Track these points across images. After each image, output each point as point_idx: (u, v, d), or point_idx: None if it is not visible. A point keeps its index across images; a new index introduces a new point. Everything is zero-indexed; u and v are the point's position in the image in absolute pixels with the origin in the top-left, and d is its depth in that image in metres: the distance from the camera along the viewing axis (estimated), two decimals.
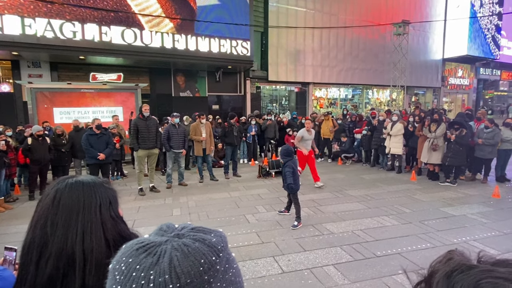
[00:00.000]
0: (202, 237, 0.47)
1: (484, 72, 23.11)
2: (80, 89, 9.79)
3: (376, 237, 4.38)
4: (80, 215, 0.81)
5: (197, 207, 5.83)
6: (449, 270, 0.41)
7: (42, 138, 6.49)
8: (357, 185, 7.32)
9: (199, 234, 0.48)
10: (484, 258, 0.42)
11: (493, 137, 6.99)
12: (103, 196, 0.86)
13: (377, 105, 18.82)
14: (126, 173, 8.67)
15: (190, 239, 0.47)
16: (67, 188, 0.84)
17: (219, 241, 0.49)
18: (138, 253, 0.45)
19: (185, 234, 0.48)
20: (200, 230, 0.50)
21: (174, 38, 11.10)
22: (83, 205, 0.82)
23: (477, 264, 0.42)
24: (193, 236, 0.47)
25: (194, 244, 0.46)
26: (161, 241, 0.46)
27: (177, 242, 0.46)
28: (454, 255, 0.43)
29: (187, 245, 0.45)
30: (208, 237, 0.48)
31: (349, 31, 16.29)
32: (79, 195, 0.83)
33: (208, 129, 7.84)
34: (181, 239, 0.47)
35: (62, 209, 0.81)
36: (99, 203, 0.84)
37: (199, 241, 0.46)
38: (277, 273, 3.48)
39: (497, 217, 5.14)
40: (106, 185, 0.90)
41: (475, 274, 0.39)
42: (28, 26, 9.05)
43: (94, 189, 0.86)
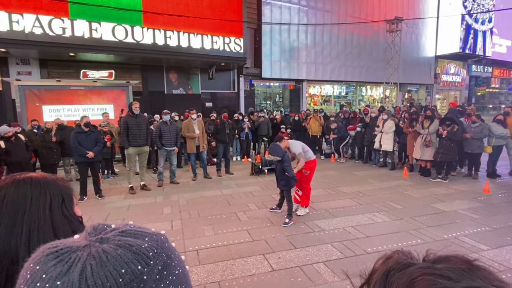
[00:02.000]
0: (129, 243, 0.41)
1: (476, 69, 23.32)
2: (70, 87, 9.65)
3: (367, 234, 4.37)
4: (27, 213, 0.75)
5: (188, 205, 5.77)
6: (386, 269, 0.39)
7: (15, 137, 6.16)
8: (349, 181, 7.31)
9: (126, 239, 0.42)
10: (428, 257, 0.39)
11: (481, 131, 7.06)
12: (54, 193, 0.80)
13: (370, 102, 18.89)
14: (117, 172, 8.57)
15: (113, 245, 0.40)
16: (13, 184, 0.78)
17: (152, 246, 0.42)
18: (47, 260, 0.39)
19: (110, 239, 0.42)
20: (132, 233, 0.43)
21: (166, 35, 10.98)
22: (30, 202, 0.76)
23: (414, 262, 0.39)
24: (118, 241, 0.41)
25: (116, 251, 0.39)
26: (79, 246, 0.40)
27: (97, 248, 0.40)
28: (395, 254, 0.41)
29: (106, 252, 0.39)
30: (138, 242, 0.42)
31: (343, 28, 16.28)
32: (26, 191, 0.77)
33: (201, 126, 7.77)
34: (103, 244, 0.40)
35: (6, 207, 0.75)
36: (49, 201, 0.78)
37: (124, 247, 0.40)
38: (267, 271, 3.44)
39: (487, 212, 5.17)
40: (60, 182, 0.84)
41: (411, 272, 0.37)
42: (16, 22, 8.86)
43: (44, 185, 0.80)
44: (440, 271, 0.35)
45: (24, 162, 6.28)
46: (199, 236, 4.40)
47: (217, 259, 3.72)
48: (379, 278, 0.39)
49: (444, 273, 0.35)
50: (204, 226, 4.76)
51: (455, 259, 0.38)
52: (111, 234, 0.43)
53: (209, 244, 4.13)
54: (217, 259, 3.71)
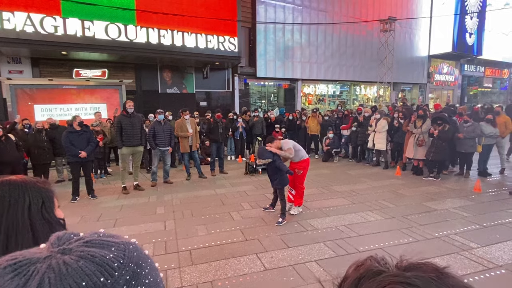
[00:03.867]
0: (92, 253, 0.39)
1: (469, 69, 23.54)
2: (62, 86, 9.55)
3: (360, 233, 4.40)
4: (4, 216, 0.75)
5: (181, 205, 5.76)
6: (357, 276, 0.40)
7: (5, 137, 6.05)
8: (342, 180, 7.36)
9: (90, 250, 0.40)
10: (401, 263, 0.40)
11: (473, 130, 7.15)
12: (33, 196, 0.79)
13: (364, 101, 18.98)
14: (110, 171, 8.52)
15: (75, 256, 0.39)
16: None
17: (118, 256, 0.41)
18: (4, 273, 0.37)
19: (73, 249, 0.40)
20: (97, 243, 0.42)
21: (159, 34, 10.91)
22: (8, 205, 0.76)
23: (385, 270, 0.39)
24: (81, 253, 0.40)
25: (78, 262, 0.38)
26: (39, 258, 0.39)
27: (58, 260, 0.38)
28: (367, 261, 0.41)
29: (67, 264, 0.38)
30: (102, 252, 0.40)
31: (337, 27, 16.33)
32: (4, 194, 0.77)
33: (194, 126, 7.75)
34: (65, 255, 0.39)
35: None
36: (27, 203, 0.78)
37: (86, 258, 0.39)
38: (260, 270, 3.46)
39: (478, 210, 5.24)
40: (40, 184, 0.83)
41: (381, 280, 0.37)
42: (6, 20, 8.74)
43: (23, 188, 0.79)
44: (408, 280, 0.36)
45: (15, 162, 6.20)
46: (192, 236, 4.40)
47: (210, 259, 3.72)
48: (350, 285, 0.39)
49: (412, 281, 0.35)
50: (198, 226, 4.75)
51: (425, 267, 0.38)
52: (75, 245, 0.42)
53: (202, 244, 4.13)
54: (210, 259, 3.71)
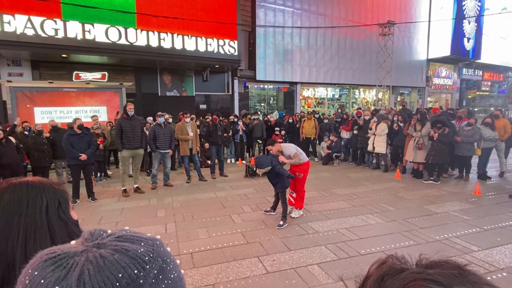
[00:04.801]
0: (126, 247, 0.42)
1: (467, 73, 23.68)
2: (62, 88, 9.55)
3: (361, 236, 4.41)
4: (23, 217, 0.76)
5: (182, 208, 5.75)
6: (381, 274, 0.40)
7: (6, 140, 6.05)
8: (343, 183, 7.36)
9: (123, 244, 0.43)
10: (421, 261, 0.41)
11: (472, 135, 7.17)
12: (50, 197, 0.80)
13: (363, 104, 19.05)
14: (110, 174, 8.51)
15: (110, 250, 0.41)
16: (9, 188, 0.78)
17: (148, 251, 0.43)
18: (45, 265, 0.39)
19: (107, 244, 0.43)
20: (128, 238, 0.44)
21: (160, 37, 10.96)
22: (27, 206, 0.77)
23: (408, 267, 0.41)
24: (115, 247, 0.42)
25: (113, 256, 0.40)
26: (76, 251, 0.41)
27: (94, 253, 0.41)
28: (389, 259, 0.42)
29: (103, 257, 0.40)
30: (134, 247, 0.43)
31: (336, 31, 16.42)
32: (22, 195, 0.78)
33: (194, 129, 7.76)
34: (100, 249, 0.42)
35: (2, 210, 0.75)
36: (45, 204, 0.79)
37: (120, 252, 0.41)
38: (261, 273, 3.45)
39: (478, 213, 5.25)
40: (55, 186, 0.84)
41: (404, 277, 0.38)
42: (7, 23, 8.76)
43: (40, 189, 0.80)
44: (431, 276, 0.37)
45: (15, 165, 6.18)
46: (193, 239, 4.39)
47: (211, 262, 3.72)
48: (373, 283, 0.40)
49: (435, 278, 0.36)
50: (198, 228, 4.75)
51: (447, 265, 0.39)
52: (108, 240, 0.44)
53: (204, 247, 4.12)
54: (212, 262, 3.70)
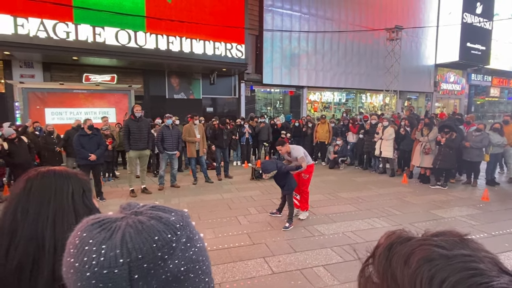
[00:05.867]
0: (159, 215, 0.47)
1: (476, 78, 23.48)
2: (73, 90, 9.73)
3: (367, 239, 4.40)
4: (52, 202, 0.81)
5: (188, 209, 5.79)
6: (390, 242, 0.45)
7: (19, 139, 6.21)
8: (349, 187, 7.35)
9: (157, 212, 0.48)
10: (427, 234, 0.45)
11: (481, 141, 7.11)
12: (75, 185, 0.86)
13: (370, 109, 18.99)
14: (117, 175, 8.61)
15: (147, 217, 0.47)
16: (38, 176, 0.84)
17: (178, 220, 0.48)
18: (92, 228, 0.45)
19: (143, 212, 0.48)
20: (160, 208, 0.50)
21: (168, 40, 11.10)
22: (55, 192, 0.83)
23: (415, 236, 0.45)
24: (150, 214, 0.47)
25: (150, 221, 0.46)
26: (117, 217, 0.47)
27: (133, 219, 0.46)
28: (397, 231, 0.46)
29: (141, 222, 0.45)
30: (166, 215, 0.48)
31: (343, 35, 16.45)
32: (50, 182, 0.84)
33: (201, 131, 7.83)
34: (137, 216, 0.47)
35: (33, 196, 0.81)
36: (71, 190, 0.85)
37: (155, 218, 0.47)
38: (267, 273, 3.47)
39: (486, 219, 5.21)
40: (79, 175, 0.91)
41: (412, 244, 0.42)
42: (20, 25, 8.97)
43: (66, 177, 0.86)
44: (436, 242, 0.41)
45: (26, 164, 6.31)
46: None
47: (217, 261, 3.75)
48: (383, 250, 0.44)
49: (439, 243, 0.41)
50: (205, 229, 4.78)
51: (449, 233, 0.44)
52: (144, 209, 0.50)
53: (210, 247, 4.16)
54: (218, 262, 3.74)
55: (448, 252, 0.39)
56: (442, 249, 0.40)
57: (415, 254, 0.40)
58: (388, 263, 0.43)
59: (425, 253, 0.40)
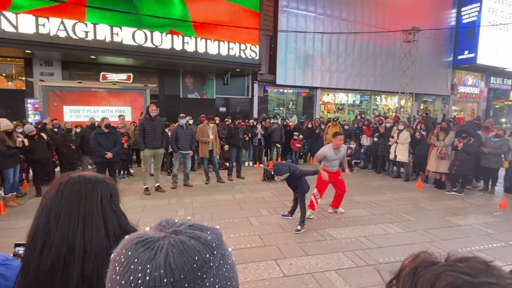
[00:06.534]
0: (198, 235, 0.49)
1: (495, 81, 22.85)
2: (90, 88, 9.96)
3: (380, 244, 4.36)
4: (82, 206, 0.85)
5: (201, 208, 5.87)
6: (415, 266, 0.45)
7: (38, 136, 6.39)
8: (362, 191, 7.28)
9: (196, 232, 0.50)
10: (450, 257, 0.46)
11: (500, 147, 6.92)
12: (104, 190, 0.90)
13: (385, 111, 18.71)
14: (132, 172, 8.77)
15: (187, 236, 0.49)
16: (69, 181, 0.88)
17: (215, 239, 0.50)
18: (137, 247, 0.47)
19: (182, 231, 0.50)
20: (197, 227, 0.52)
21: (184, 40, 11.23)
22: (85, 197, 0.87)
23: (439, 261, 0.45)
24: (190, 234, 0.49)
25: (190, 241, 0.48)
26: (160, 236, 0.49)
27: (174, 238, 0.48)
28: (421, 254, 0.47)
29: (183, 242, 0.47)
30: (204, 235, 0.50)
31: (359, 36, 16.27)
32: (80, 188, 0.88)
33: (215, 131, 7.90)
34: (178, 236, 0.49)
35: (64, 201, 0.85)
36: (100, 196, 0.88)
37: (195, 238, 0.48)
38: (278, 276, 3.48)
39: (504, 228, 5.07)
40: (107, 180, 0.95)
41: (436, 268, 0.43)
42: (42, 25, 9.25)
43: (95, 183, 0.90)
44: (461, 269, 0.42)
45: (45, 160, 6.51)
46: None
47: None
48: (408, 273, 0.45)
49: (464, 270, 0.41)
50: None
51: (474, 260, 0.44)
52: (182, 228, 0.51)
53: None
54: None
55: (473, 279, 0.40)
56: (467, 276, 0.40)
57: (440, 279, 0.41)
58: (413, 286, 0.44)
59: (451, 279, 0.40)
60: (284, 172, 4.81)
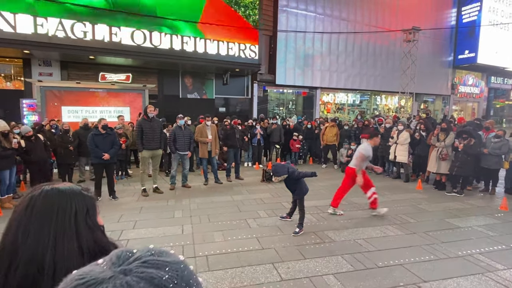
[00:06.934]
0: (151, 275, 0.42)
1: (496, 81, 22.77)
2: (89, 89, 9.90)
3: (379, 247, 4.31)
4: (53, 223, 0.79)
5: (199, 210, 5.82)
6: None
7: (35, 137, 6.34)
8: (361, 192, 7.17)
9: (148, 271, 0.43)
10: None
11: (500, 148, 6.87)
12: (79, 204, 0.84)
13: (385, 111, 18.66)
14: (130, 173, 8.72)
15: (136, 277, 0.42)
16: (41, 195, 0.82)
17: (172, 277, 0.43)
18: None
19: (133, 270, 0.43)
20: (153, 264, 0.45)
21: (183, 40, 11.18)
22: (57, 213, 0.80)
23: None
24: (141, 274, 0.42)
25: (139, 284, 0.41)
26: (104, 277, 0.42)
27: (121, 281, 0.41)
28: None
29: (130, 286, 0.40)
30: (159, 274, 0.43)
31: (358, 36, 16.21)
32: (53, 202, 0.81)
33: (214, 131, 7.84)
34: (126, 276, 0.42)
35: (35, 216, 0.79)
36: (74, 211, 0.82)
37: (146, 279, 0.41)
38: (276, 280, 3.43)
39: (505, 230, 5.02)
40: (84, 192, 0.88)
41: None
42: (40, 25, 9.19)
43: (70, 196, 0.84)
44: None
45: (42, 162, 6.46)
46: (209, 241, 4.43)
47: (226, 265, 3.73)
48: None
49: None
50: (214, 231, 4.78)
51: None
52: (134, 265, 0.44)
53: (219, 250, 4.15)
54: (226, 266, 3.72)
55: None
56: None
57: None
58: None
59: None
60: (282, 173, 4.76)
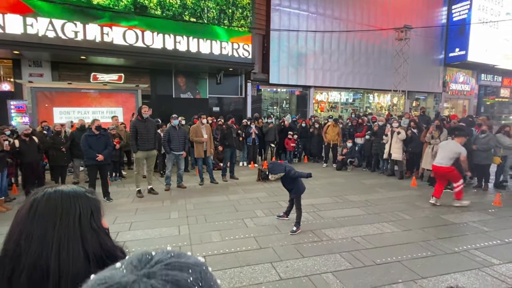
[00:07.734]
0: (176, 278, 0.41)
1: (486, 78, 23.10)
2: (81, 89, 9.77)
3: (376, 244, 4.32)
4: (57, 226, 0.76)
5: (195, 210, 5.78)
6: None
7: (30, 138, 6.27)
8: (357, 190, 7.25)
9: (173, 273, 0.42)
10: None
11: (488, 142, 6.98)
12: (83, 206, 0.81)
13: (377, 109, 18.79)
14: (124, 174, 8.63)
15: (161, 280, 0.40)
16: (44, 197, 0.79)
17: (197, 279, 0.43)
18: None
19: (157, 273, 0.42)
20: (176, 265, 0.44)
21: (175, 40, 11.09)
22: (61, 216, 0.77)
23: None
24: (165, 276, 0.41)
25: (165, 287, 0.40)
26: (127, 282, 0.40)
27: (145, 284, 0.39)
28: None
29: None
30: (184, 276, 0.42)
31: (351, 35, 16.29)
32: (57, 205, 0.78)
33: (208, 131, 7.80)
34: (151, 279, 0.41)
35: (38, 220, 0.76)
36: (78, 214, 0.79)
37: (172, 282, 0.40)
38: (275, 279, 3.42)
39: (499, 225, 5.08)
40: (88, 194, 0.85)
41: None
42: (30, 25, 9.02)
43: (74, 199, 0.81)
44: None
45: (35, 164, 6.36)
46: (207, 242, 4.40)
47: (224, 266, 3.71)
48: None
49: None
50: (211, 231, 4.75)
51: None
52: (157, 268, 0.43)
53: (217, 250, 4.12)
54: (225, 266, 3.70)
55: None
56: None
57: None
58: None
59: None
60: (278, 171, 4.75)
